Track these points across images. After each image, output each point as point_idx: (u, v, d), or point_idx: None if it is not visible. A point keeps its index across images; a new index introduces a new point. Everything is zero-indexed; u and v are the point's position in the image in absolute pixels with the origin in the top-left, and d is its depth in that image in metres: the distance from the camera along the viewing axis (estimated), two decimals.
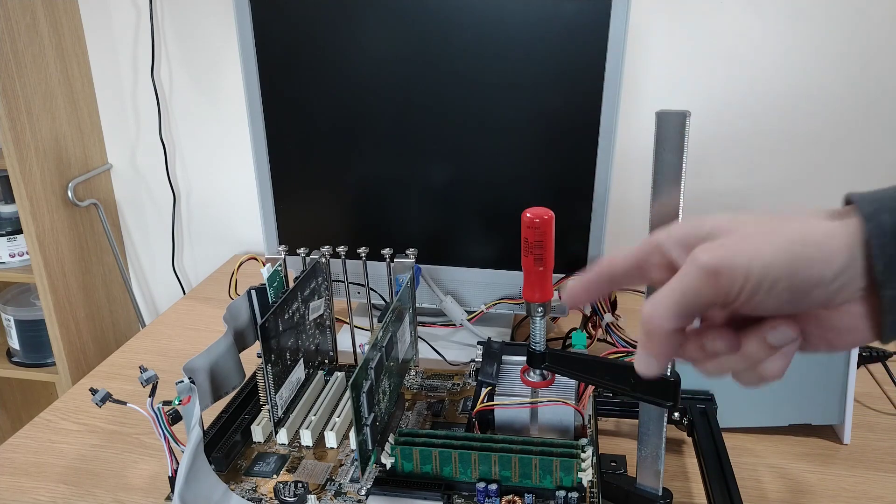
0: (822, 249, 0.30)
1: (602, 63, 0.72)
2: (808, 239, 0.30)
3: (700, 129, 1.02)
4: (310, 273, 0.71)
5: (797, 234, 0.31)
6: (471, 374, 0.78)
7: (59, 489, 0.66)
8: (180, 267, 1.31)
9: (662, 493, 0.57)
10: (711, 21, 0.98)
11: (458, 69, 0.75)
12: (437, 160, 0.80)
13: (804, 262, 0.30)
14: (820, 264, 0.30)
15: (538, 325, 0.57)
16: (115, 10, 1.15)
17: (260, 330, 0.61)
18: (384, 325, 0.62)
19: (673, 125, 0.43)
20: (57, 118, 1.13)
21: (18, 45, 1.05)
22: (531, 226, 0.51)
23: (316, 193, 0.85)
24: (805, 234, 0.31)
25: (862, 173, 1.02)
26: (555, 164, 0.77)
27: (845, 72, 0.97)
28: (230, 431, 0.67)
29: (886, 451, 0.69)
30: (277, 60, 0.79)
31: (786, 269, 0.30)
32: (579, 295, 0.39)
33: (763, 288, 0.31)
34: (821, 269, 0.30)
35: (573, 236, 0.79)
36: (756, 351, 0.34)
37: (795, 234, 0.31)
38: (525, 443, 0.57)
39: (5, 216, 1.19)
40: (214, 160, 1.22)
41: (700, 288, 0.31)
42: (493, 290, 0.84)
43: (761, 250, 0.30)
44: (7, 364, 1.26)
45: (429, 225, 0.83)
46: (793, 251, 0.30)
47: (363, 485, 0.61)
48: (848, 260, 0.30)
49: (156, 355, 0.90)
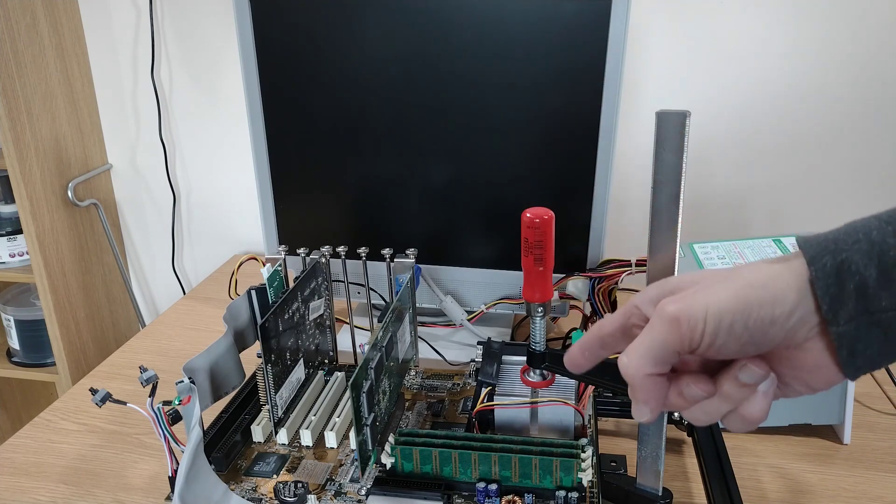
0: (769, 290, 0.33)
1: (602, 63, 0.72)
2: (755, 282, 0.34)
3: (700, 129, 1.02)
4: (310, 273, 0.71)
5: (746, 279, 0.34)
6: (471, 374, 0.78)
7: (59, 489, 0.66)
8: (180, 267, 1.31)
9: (662, 493, 0.57)
10: (711, 21, 0.98)
11: (458, 69, 0.75)
12: (437, 160, 0.79)
13: (755, 303, 0.33)
14: (770, 304, 0.33)
15: (538, 325, 0.57)
16: (115, 10, 1.15)
17: (260, 330, 0.61)
18: (384, 325, 0.62)
19: (673, 125, 0.43)
20: (57, 118, 1.13)
21: (18, 45, 1.05)
22: (531, 226, 0.51)
23: (316, 193, 0.85)
24: (753, 278, 0.34)
25: (861, 173, 1.02)
26: (555, 164, 0.77)
27: (845, 72, 0.97)
28: (230, 431, 0.67)
29: (886, 451, 0.69)
30: (277, 60, 0.79)
31: (739, 310, 0.33)
32: (578, 360, 0.42)
33: (722, 330, 0.34)
34: (771, 308, 0.33)
35: (573, 236, 0.79)
36: (732, 391, 0.36)
37: (745, 279, 0.34)
38: (525, 443, 0.57)
39: (5, 216, 1.19)
40: (214, 160, 1.22)
41: (665, 335, 0.35)
42: (493, 290, 0.84)
43: (716, 296, 0.34)
44: (7, 364, 1.26)
45: (429, 225, 0.83)
46: (743, 294, 0.33)
47: (363, 485, 0.61)
48: (798, 298, 0.33)
49: (156, 355, 0.90)
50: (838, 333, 0.32)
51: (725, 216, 1.07)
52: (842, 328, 0.32)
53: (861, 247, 0.32)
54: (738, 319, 0.33)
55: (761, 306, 0.33)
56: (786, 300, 0.33)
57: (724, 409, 0.37)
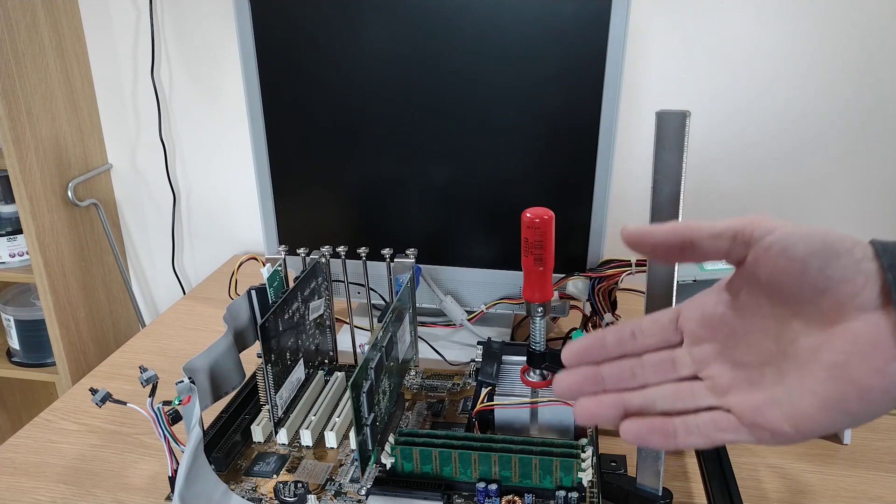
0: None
1: (602, 63, 0.72)
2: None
3: (700, 129, 1.02)
4: (310, 273, 0.71)
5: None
6: (471, 374, 0.78)
7: (59, 489, 0.66)
8: (180, 267, 1.31)
9: (662, 493, 0.57)
10: (711, 21, 0.98)
11: (458, 69, 0.75)
12: (437, 160, 0.80)
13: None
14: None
15: (538, 325, 0.57)
16: (115, 10, 1.15)
17: (260, 330, 0.61)
18: (384, 325, 0.62)
19: (673, 125, 0.43)
20: (57, 118, 1.13)
21: (18, 45, 1.05)
22: (531, 226, 0.51)
23: (316, 193, 0.85)
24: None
25: (862, 173, 1.02)
26: (555, 164, 0.77)
27: (845, 71, 0.97)
28: (230, 431, 0.67)
29: (886, 451, 0.69)
30: (277, 60, 0.79)
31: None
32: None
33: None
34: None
35: (573, 236, 0.79)
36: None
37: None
38: (525, 443, 0.57)
39: (5, 216, 1.19)
40: (214, 160, 1.22)
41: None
42: (493, 290, 0.84)
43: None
44: (7, 364, 1.26)
45: (429, 225, 0.83)
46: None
47: (363, 485, 0.61)
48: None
49: (156, 355, 0.90)
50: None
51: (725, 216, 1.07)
52: None
53: None
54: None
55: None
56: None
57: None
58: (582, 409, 0.36)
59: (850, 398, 0.31)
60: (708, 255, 0.36)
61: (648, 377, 0.37)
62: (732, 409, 0.35)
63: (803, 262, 0.32)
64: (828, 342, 0.33)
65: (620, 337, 0.38)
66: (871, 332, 0.31)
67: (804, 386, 0.33)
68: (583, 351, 0.38)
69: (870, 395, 0.31)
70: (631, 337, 0.38)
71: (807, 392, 0.33)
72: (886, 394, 0.31)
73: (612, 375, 0.37)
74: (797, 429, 0.33)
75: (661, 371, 0.37)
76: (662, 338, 0.38)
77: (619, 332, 0.38)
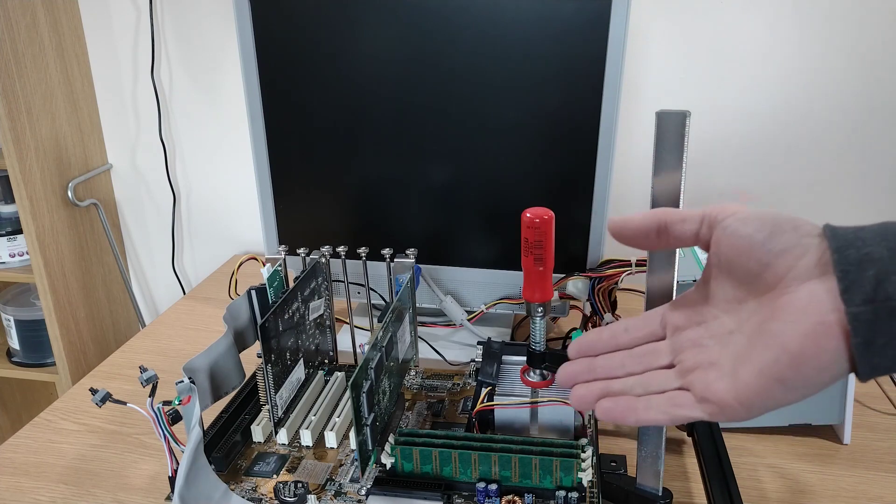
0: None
1: (602, 63, 0.72)
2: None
3: (700, 129, 1.02)
4: (310, 273, 0.71)
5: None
6: (471, 374, 0.78)
7: (59, 489, 0.66)
8: (180, 267, 1.31)
9: (662, 493, 0.57)
10: (711, 21, 0.98)
11: (458, 69, 0.75)
12: (437, 160, 0.80)
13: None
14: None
15: (538, 325, 0.57)
16: (115, 10, 1.15)
17: (260, 330, 0.61)
18: (384, 325, 0.62)
19: (673, 125, 0.43)
20: (57, 118, 1.13)
21: (18, 45, 1.05)
22: (531, 226, 0.51)
23: (316, 193, 0.85)
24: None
25: (863, 172, 1.02)
26: (555, 164, 0.77)
27: (846, 71, 0.97)
28: (230, 431, 0.67)
29: (886, 451, 0.69)
30: (277, 60, 0.79)
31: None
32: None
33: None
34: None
35: (573, 236, 0.79)
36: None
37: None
38: (525, 443, 0.57)
39: (5, 216, 1.19)
40: (214, 160, 1.22)
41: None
42: (493, 290, 0.84)
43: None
44: (7, 364, 1.26)
45: (429, 225, 0.83)
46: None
47: (363, 485, 0.61)
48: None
49: (156, 355, 0.90)
50: (853, 315, 0.31)
51: None
52: (857, 309, 0.31)
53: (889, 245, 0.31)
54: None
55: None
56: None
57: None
58: (575, 394, 0.41)
59: (782, 363, 0.33)
60: (680, 239, 0.39)
61: (633, 367, 0.41)
62: (690, 387, 0.38)
63: (750, 237, 0.35)
64: (770, 315, 0.34)
65: (614, 332, 0.42)
66: (804, 298, 0.33)
67: (746, 358, 0.35)
68: (584, 345, 0.43)
69: (801, 361, 0.32)
70: (624, 331, 0.42)
71: (747, 363, 0.35)
72: (818, 360, 0.32)
73: (604, 366, 0.42)
74: (739, 400, 0.35)
75: (645, 361, 0.40)
76: (649, 331, 0.42)
77: (614, 328, 0.43)
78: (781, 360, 0.33)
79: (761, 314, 0.35)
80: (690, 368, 0.38)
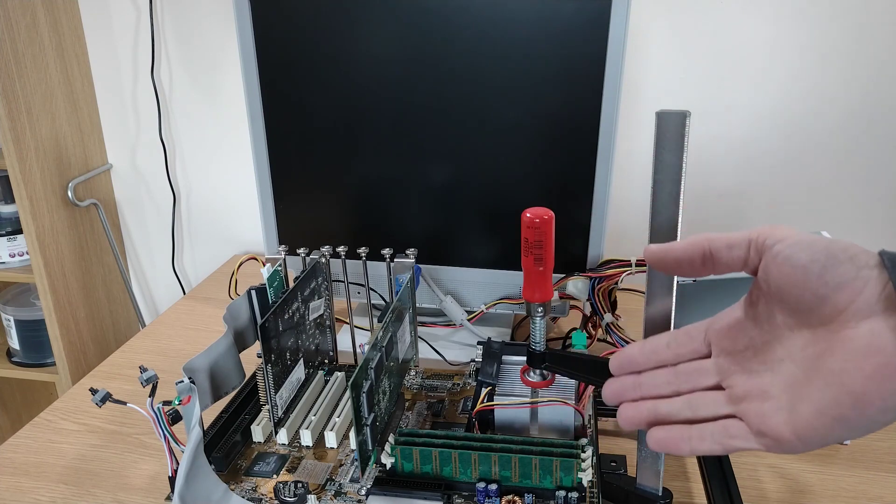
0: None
1: (602, 63, 0.71)
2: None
3: (700, 129, 1.02)
4: (310, 273, 0.71)
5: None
6: (471, 374, 0.78)
7: (59, 489, 0.66)
8: (180, 267, 1.31)
9: (662, 493, 0.57)
10: (712, 21, 0.98)
11: (459, 69, 0.75)
12: (437, 160, 0.80)
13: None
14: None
15: (538, 325, 0.57)
16: (115, 10, 1.15)
17: (260, 330, 0.61)
18: (384, 325, 0.62)
19: (673, 125, 0.43)
20: (57, 118, 1.13)
21: (18, 45, 1.05)
22: (531, 226, 0.51)
23: (316, 193, 0.85)
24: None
25: (864, 173, 1.02)
26: (555, 164, 0.77)
27: (847, 71, 0.97)
28: (230, 431, 0.67)
29: (886, 451, 0.69)
30: (277, 60, 0.79)
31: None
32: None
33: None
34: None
35: (573, 236, 0.79)
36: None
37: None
38: (525, 443, 0.57)
39: (5, 216, 1.19)
40: (214, 160, 1.22)
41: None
42: (493, 290, 0.84)
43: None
44: (7, 364, 1.26)
45: (429, 225, 0.83)
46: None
47: (363, 485, 0.61)
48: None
49: (156, 355, 0.90)
50: None
51: (725, 217, 1.07)
52: None
53: None
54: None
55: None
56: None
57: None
58: (622, 415, 0.41)
59: (844, 405, 0.32)
60: (728, 265, 0.37)
61: (680, 386, 0.40)
62: (743, 416, 0.36)
63: (804, 268, 0.33)
64: (829, 350, 0.33)
65: (655, 347, 0.41)
66: (867, 338, 0.31)
67: (805, 394, 0.33)
68: (624, 360, 0.42)
69: (864, 403, 0.31)
70: (665, 347, 0.41)
71: (806, 399, 0.33)
72: (883, 402, 0.31)
73: (650, 384, 0.41)
74: (798, 436, 0.34)
75: (691, 380, 0.39)
76: (693, 348, 0.40)
77: (655, 342, 0.41)
78: (843, 401, 0.32)
79: (817, 347, 0.34)
80: (741, 396, 0.37)
